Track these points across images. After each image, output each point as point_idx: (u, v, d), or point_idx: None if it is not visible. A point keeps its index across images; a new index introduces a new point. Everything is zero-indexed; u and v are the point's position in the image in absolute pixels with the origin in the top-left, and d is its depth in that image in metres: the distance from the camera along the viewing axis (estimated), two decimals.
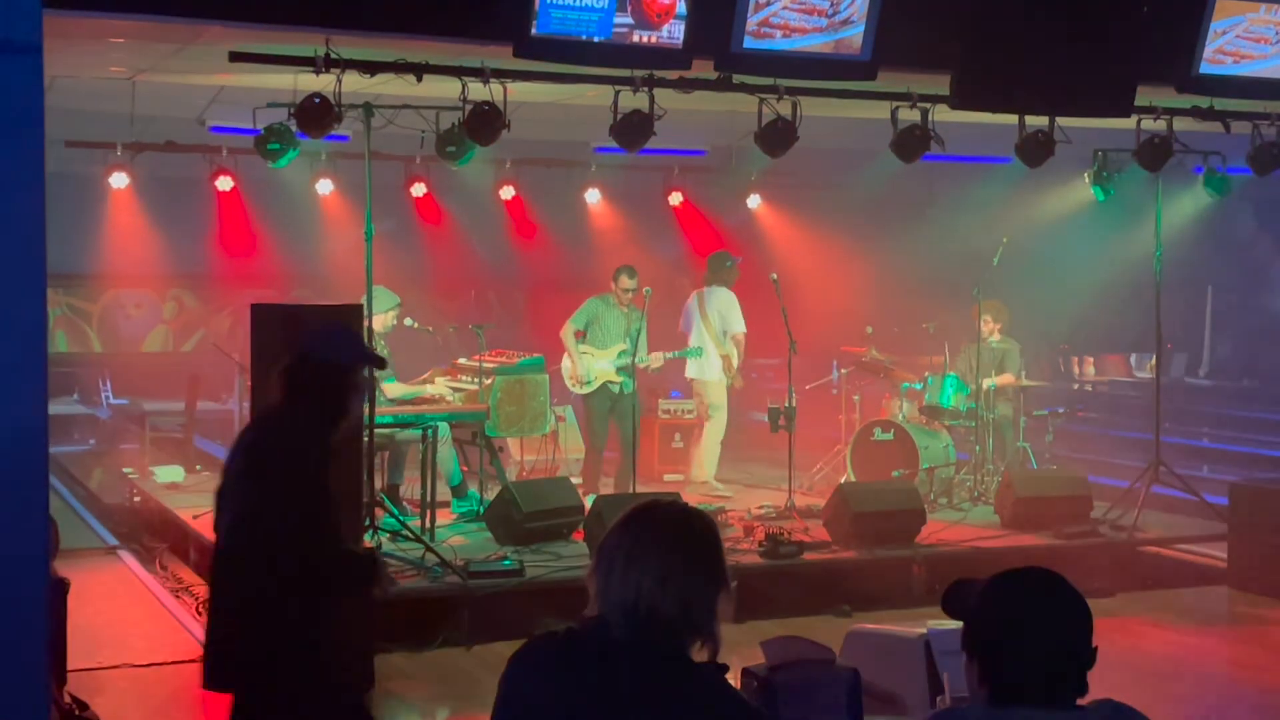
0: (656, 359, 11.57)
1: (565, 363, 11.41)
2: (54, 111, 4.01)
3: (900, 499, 9.81)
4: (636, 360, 11.07)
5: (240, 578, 4.23)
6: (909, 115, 9.78)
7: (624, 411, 11.13)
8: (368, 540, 8.23)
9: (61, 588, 6.53)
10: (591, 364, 11.22)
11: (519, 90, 9.13)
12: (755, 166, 14.07)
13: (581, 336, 11.31)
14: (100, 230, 14.10)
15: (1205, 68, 9.43)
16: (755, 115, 9.37)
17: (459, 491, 10.62)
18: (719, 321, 11.76)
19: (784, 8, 8.46)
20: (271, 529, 4.14)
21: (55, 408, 11.73)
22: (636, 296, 11.20)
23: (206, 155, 12.56)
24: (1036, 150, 10.02)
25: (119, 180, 12.58)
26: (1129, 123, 10.22)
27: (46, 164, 3.28)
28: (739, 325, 11.75)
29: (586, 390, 11.32)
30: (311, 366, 4.45)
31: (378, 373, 9.70)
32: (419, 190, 13.22)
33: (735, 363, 11.79)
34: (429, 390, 10.86)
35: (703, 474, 11.86)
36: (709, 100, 9.46)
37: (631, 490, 10.44)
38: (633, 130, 9.04)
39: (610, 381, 11.24)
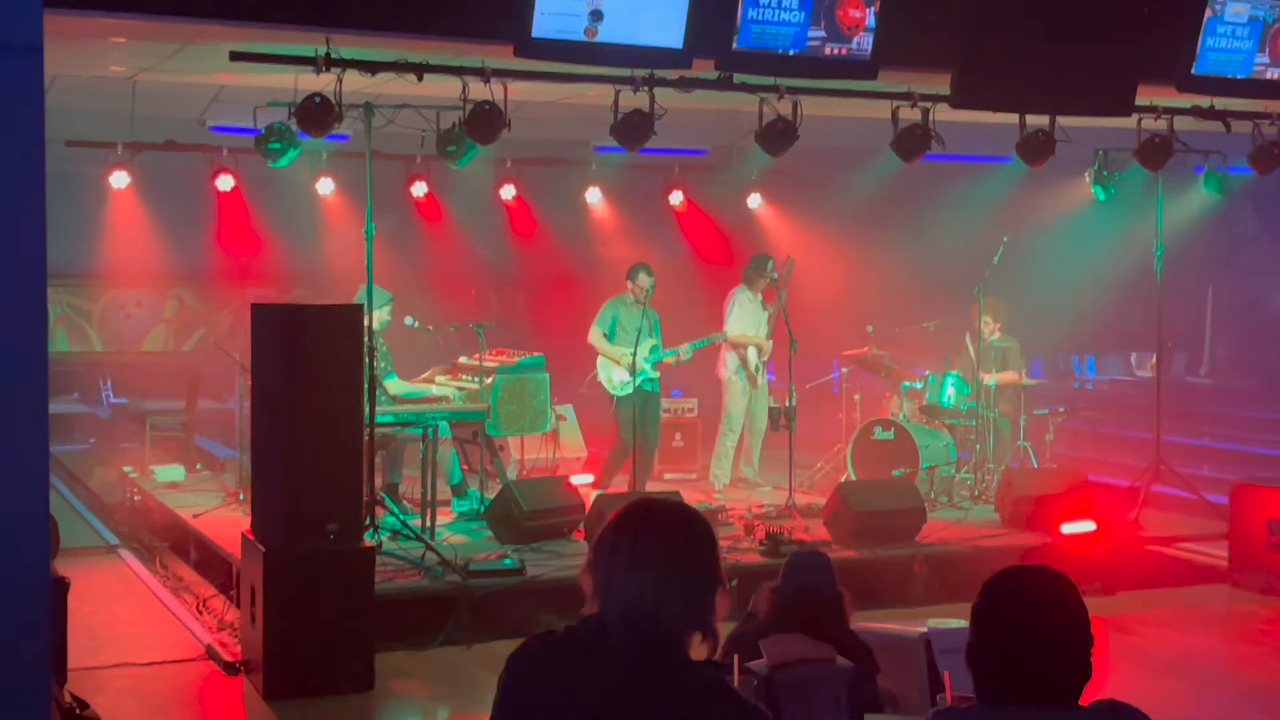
0: (686, 349, 11.37)
1: (602, 367, 11.14)
2: (54, 111, 4.01)
3: (900, 498, 9.82)
4: (667, 355, 11.08)
5: None
6: (909, 114, 9.79)
7: (651, 412, 11.15)
8: (368, 539, 8.22)
9: (61, 587, 6.54)
10: (637, 360, 10.92)
11: (520, 90, 9.13)
12: (756, 166, 14.07)
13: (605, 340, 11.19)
14: (100, 230, 14.08)
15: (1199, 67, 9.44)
16: (756, 115, 9.37)
17: (459, 490, 10.62)
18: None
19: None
20: None
21: (55, 407, 11.72)
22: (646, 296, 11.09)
23: (207, 154, 12.55)
24: (1037, 149, 10.02)
25: (119, 180, 12.57)
26: (1129, 122, 10.22)
27: (46, 164, 3.29)
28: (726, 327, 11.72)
29: (627, 391, 10.96)
30: None
31: (379, 370, 9.70)
32: (420, 189, 13.19)
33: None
34: (434, 390, 10.83)
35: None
36: (709, 99, 9.46)
37: (634, 489, 10.43)
38: (633, 130, 9.04)
39: (645, 380, 11.10)
